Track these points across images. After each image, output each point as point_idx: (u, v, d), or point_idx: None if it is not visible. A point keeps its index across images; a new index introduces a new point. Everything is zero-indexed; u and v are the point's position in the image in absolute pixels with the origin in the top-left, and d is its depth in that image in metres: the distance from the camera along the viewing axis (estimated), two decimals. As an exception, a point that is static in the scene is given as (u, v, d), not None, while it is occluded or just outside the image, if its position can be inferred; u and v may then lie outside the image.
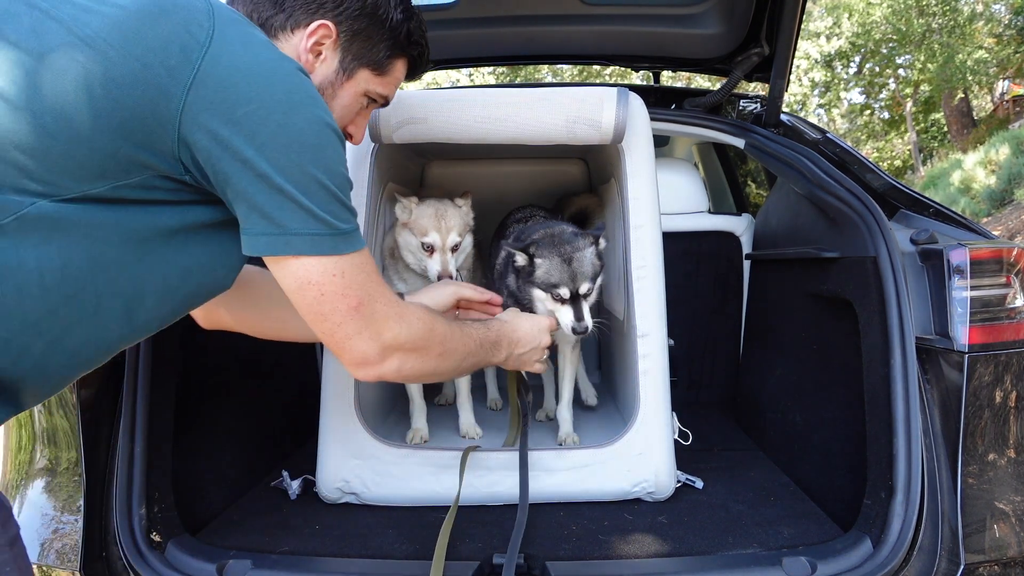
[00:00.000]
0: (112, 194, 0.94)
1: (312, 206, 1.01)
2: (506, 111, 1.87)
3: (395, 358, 1.19)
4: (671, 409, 1.96)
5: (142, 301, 1.03)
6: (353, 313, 1.10)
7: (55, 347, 0.97)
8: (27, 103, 0.88)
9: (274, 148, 0.97)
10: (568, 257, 1.88)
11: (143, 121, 0.93)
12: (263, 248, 1.02)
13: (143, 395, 1.66)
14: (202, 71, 0.94)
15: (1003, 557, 1.55)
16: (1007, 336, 1.61)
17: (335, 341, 1.13)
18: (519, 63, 3.82)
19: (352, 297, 1.09)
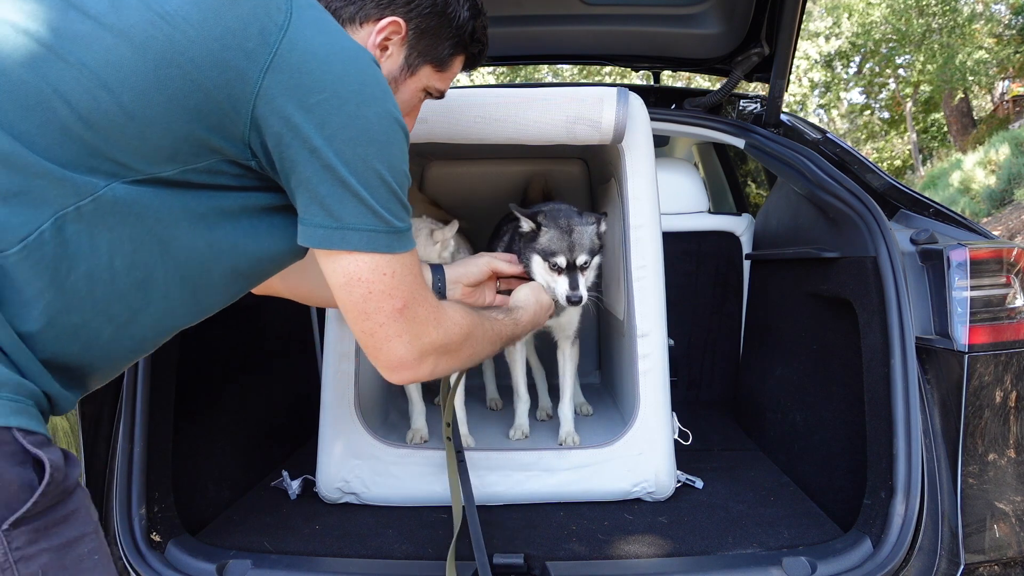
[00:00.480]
0: (179, 177, 0.93)
1: (372, 202, 0.99)
2: (506, 111, 1.87)
3: (430, 361, 1.17)
4: (671, 409, 1.96)
5: (209, 284, 1.02)
6: (397, 315, 1.08)
7: (123, 332, 0.95)
8: (105, 79, 0.86)
9: (342, 140, 0.96)
10: (569, 229, 1.92)
11: (218, 104, 0.91)
12: (318, 241, 1.00)
13: (143, 395, 1.66)
14: (279, 55, 0.92)
15: (1003, 557, 1.56)
16: (1007, 336, 1.61)
17: (374, 342, 1.10)
18: (519, 63, 3.82)
19: (398, 298, 1.07)
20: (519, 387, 2.25)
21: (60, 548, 0.78)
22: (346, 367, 1.94)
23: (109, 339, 0.94)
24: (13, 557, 0.73)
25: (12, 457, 0.76)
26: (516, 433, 2.17)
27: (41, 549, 0.76)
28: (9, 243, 0.82)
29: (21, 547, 0.74)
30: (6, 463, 0.75)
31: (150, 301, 0.96)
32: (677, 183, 2.96)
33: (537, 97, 1.88)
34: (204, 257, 0.98)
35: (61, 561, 0.78)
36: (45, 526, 0.77)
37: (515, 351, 2.27)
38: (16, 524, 0.74)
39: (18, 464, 0.76)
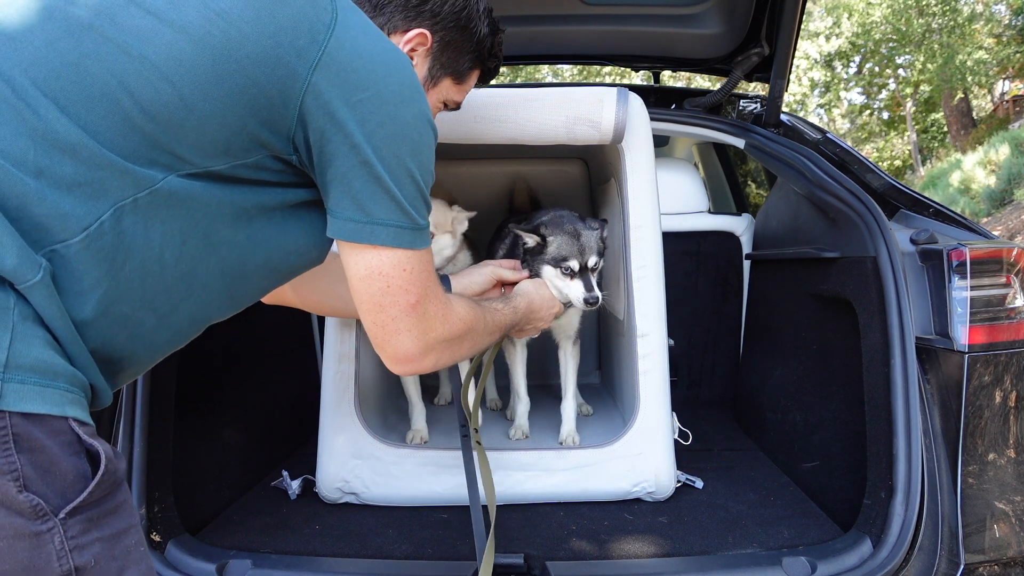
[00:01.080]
0: (229, 172, 0.95)
1: (402, 199, 1.03)
2: (506, 111, 1.87)
3: (433, 355, 1.21)
4: (671, 409, 1.96)
5: (244, 278, 1.05)
6: (410, 309, 1.12)
7: (164, 323, 0.97)
8: (167, 73, 0.88)
9: (381, 137, 0.99)
10: (576, 233, 1.94)
11: (270, 98, 0.94)
12: (348, 234, 1.03)
13: (143, 395, 1.66)
14: (327, 53, 0.95)
15: (1003, 557, 1.56)
16: (1007, 336, 1.61)
17: (384, 334, 1.14)
18: (519, 63, 3.82)
19: (413, 293, 1.11)
20: (519, 388, 2.25)
21: (111, 538, 0.80)
22: (346, 367, 1.94)
23: (151, 330, 0.96)
24: (69, 546, 0.75)
25: (68, 447, 0.77)
26: (516, 433, 2.17)
27: (94, 539, 0.77)
28: (73, 232, 0.83)
29: (76, 536, 0.75)
30: (63, 452, 0.76)
31: (191, 293, 0.98)
32: (677, 183, 2.96)
33: (537, 97, 1.89)
34: (243, 250, 1.01)
35: (112, 551, 0.79)
36: (98, 516, 0.78)
37: (515, 352, 2.27)
38: (72, 513, 0.75)
39: (73, 454, 0.77)
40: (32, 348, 0.77)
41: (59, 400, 0.77)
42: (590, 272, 1.93)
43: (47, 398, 0.76)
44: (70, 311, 0.84)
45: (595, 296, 1.90)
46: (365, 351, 2.03)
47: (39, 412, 0.75)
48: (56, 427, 0.76)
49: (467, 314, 1.29)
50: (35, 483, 0.73)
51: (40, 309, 0.80)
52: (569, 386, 2.22)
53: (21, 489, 0.72)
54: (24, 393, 0.74)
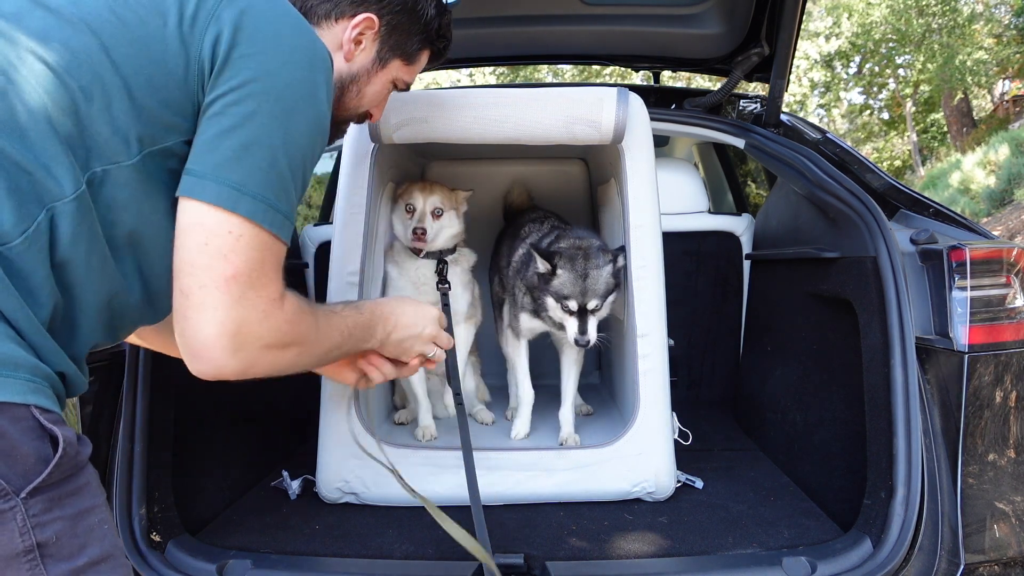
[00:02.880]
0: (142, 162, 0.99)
1: (245, 162, 1.00)
2: (506, 111, 1.87)
3: (242, 355, 1.03)
4: (671, 409, 1.96)
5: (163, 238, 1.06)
6: (222, 282, 0.97)
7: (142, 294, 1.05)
8: (67, 70, 0.92)
9: (248, 88, 1.01)
10: (584, 273, 1.96)
11: (178, 86, 0.99)
12: (185, 188, 0.99)
13: (143, 395, 1.66)
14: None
15: (1003, 557, 1.56)
16: (1007, 336, 1.61)
17: (187, 303, 0.99)
18: (519, 63, 3.82)
19: (232, 264, 0.97)
20: (523, 383, 2.25)
21: (73, 517, 0.84)
22: (346, 367, 1.94)
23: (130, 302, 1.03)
24: (31, 523, 0.79)
25: (30, 432, 0.81)
26: (519, 433, 2.17)
27: (55, 517, 0.82)
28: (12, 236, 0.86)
29: (37, 514, 0.80)
30: (24, 437, 0.80)
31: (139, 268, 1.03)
32: (677, 183, 2.96)
33: (537, 97, 1.89)
34: (164, 222, 1.03)
35: (74, 529, 0.84)
36: (59, 496, 0.82)
37: (519, 352, 2.28)
38: (33, 493, 0.79)
39: (36, 439, 0.81)
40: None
41: (20, 389, 0.81)
42: (589, 313, 1.96)
43: (8, 388, 0.80)
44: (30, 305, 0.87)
45: (586, 340, 1.95)
46: (365, 351, 2.03)
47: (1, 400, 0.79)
48: (17, 414, 0.80)
49: (291, 318, 1.09)
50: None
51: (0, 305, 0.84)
52: (568, 393, 2.22)
53: None
54: None
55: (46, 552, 0.80)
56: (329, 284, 1.98)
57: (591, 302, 1.95)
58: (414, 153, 2.58)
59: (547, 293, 2.00)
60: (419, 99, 1.88)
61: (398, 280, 2.20)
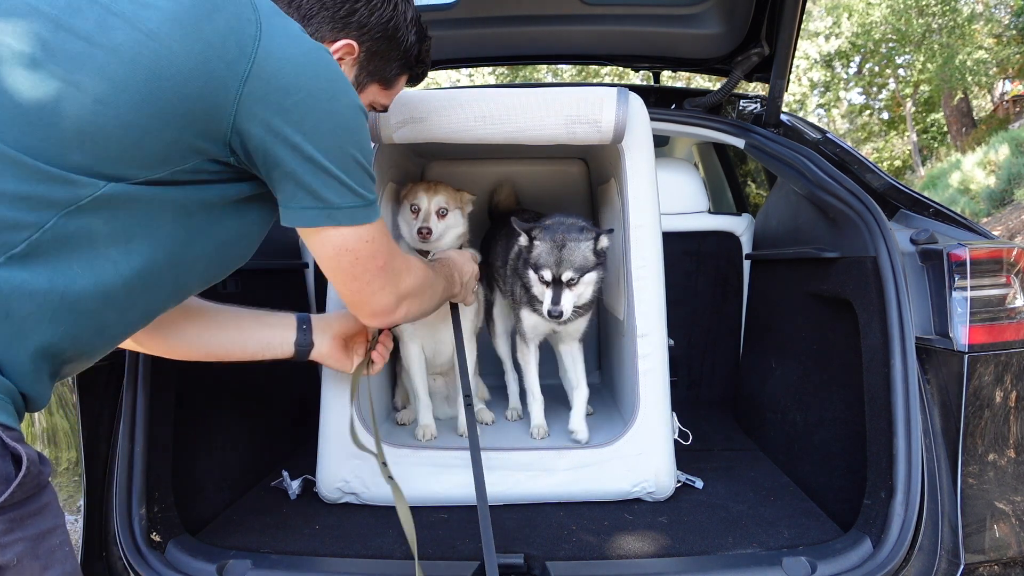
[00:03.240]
0: (169, 178, 1.00)
1: (351, 182, 1.11)
2: (506, 111, 1.87)
3: (404, 305, 1.36)
4: (671, 409, 1.96)
5: (189, 271, 1.10)
6: (380, 272, 1.25)
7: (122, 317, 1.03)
8: (104, 96, 0.92)
9: (320, 133, 1.06)
10: (561, 244, 1.96)
11: (204, 111, 0.98)
12: (308, 220, 1.11)
13: (143, 395, 1.66)
14: (256, 64, 1.00)
15: (1003, 557, 1.56)
16: (1007, 336, 1.61)
17: (361, 298, 1.28)
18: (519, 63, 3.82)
19: (380, 258, 1.23)
20: (533, 387, 2.25)
21: (34, 538, 0.82)
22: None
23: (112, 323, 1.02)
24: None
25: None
26: (539, 432, 2.16)
27: (16, 538, 0.80)
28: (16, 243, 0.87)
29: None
30: None
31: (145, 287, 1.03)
32: (677, 183, 2.96)
33: (537, 97, 1.88)
34: (185, 245, 1.06)
35: (35, 550, 0.82)
36: (21, 517, 0.80)
37: (528, 353, 2.28)
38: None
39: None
40: None
41: None
42: (564, 285, 1.95)
43: None
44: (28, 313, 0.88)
45: (558, 311, 1.93)
46: (365, 351, 2.03)
47: None
48: None
49: (421, 263, 1.47)
50: None
51: None
52: (580, 380, 2.24)
53: None
54: None
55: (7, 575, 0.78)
56: (329, 284, 1.98)
57: (566, 273, 1.94)
58: (414, 153, 2.58)
59: (527, 266, 2.02)
60: (419, 99, 1.88)
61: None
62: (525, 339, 2.27)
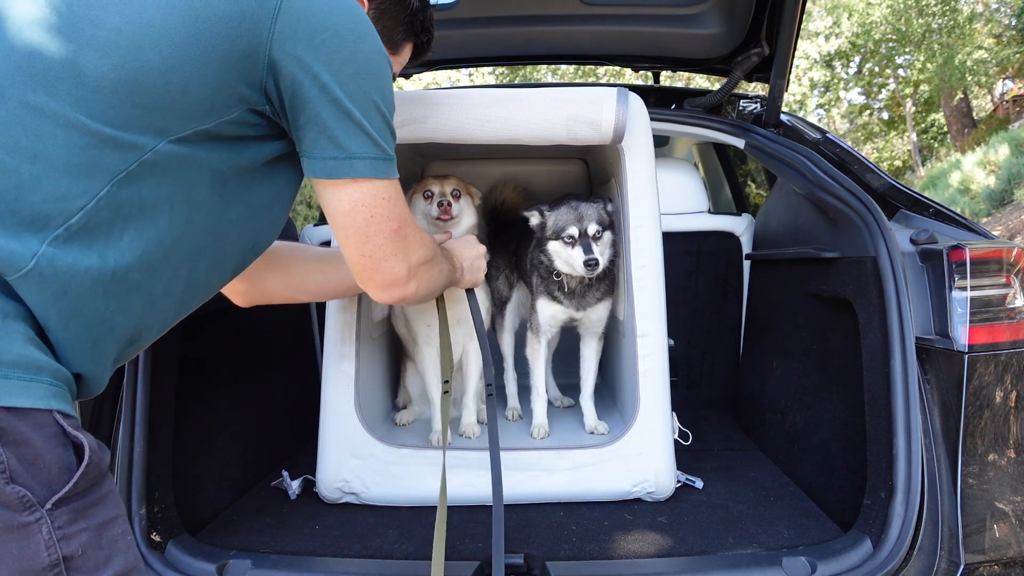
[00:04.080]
0: (215, 129, 0.98)
1: (372, 131, 1.08)
2: (506, 111, 1.87)
3: (415, 279, 1.28)
4: (671, 409, 1.96)
5: (225, 239, 1.09)
6: (393, 235, 1.18)
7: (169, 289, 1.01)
8: (144, 39, 0.90)
9: (346, 75, 1.03)
10: (576, 206, 2.06)
11: (242, 52, 0.97)
12: (328, 171, 1.08)
13: (143, 395, 1.66)
14: (286, 1, 0.99)
15: (1003, 557, 1.56)
16: (1007, 336, 1.61)
17: (372, 262, 1.20)
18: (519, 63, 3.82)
19: (395, 220, 1.17)
20: (538, 384, 2.26)
21: (97, 528, 0.81)
22: (346, 367, 1.94)
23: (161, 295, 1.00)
24: (56, 536, 0.76)
25: (53, 439, 0.78)
26: (539, 432, 2.17)
27: (80, 529, 0.79)
28: (71, 214, 0.85)
29: (63, 526, 0.77)
30: (48, 445, 0.77)
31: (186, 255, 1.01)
32: (677, 183, 2.96)
33: (537, 97, 1.88)
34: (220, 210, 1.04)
35: (98, 540, 0.81)
36: (84, 507, 0.79)
37: (540, 347, 2.29)
38: (58, 504, 0.77)
39: (58, 446, 0.78)
40: (14, 344, 0.79)
41: (43, 394, 0.79)
42: (591, 239, 2.01)
43: (31, 392, 0.77)
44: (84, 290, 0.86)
45: (594, 259, 1.98)
46: (365, 351, 2.03)
47: (23, 406, 0.76)
48: (40, 420, 0.77)
49: (432, 241, 1.40)
50: (21, 475, 0.75)
51: (29, 300, 0.81)
52: (589, 382, 2.27)
53: (8, 481, 0.74)
54: (7, 388, 0.76)
55: (72, 566, 0.77)
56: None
57: (591, 226, 2.02)
58: (414, 153, 2.58)
59: (547, 240, 2.08)
60: (418, 99, 1.88)
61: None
62: (538, 333, 2.28)
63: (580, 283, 2.16)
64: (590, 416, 2.23)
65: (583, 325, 2.28)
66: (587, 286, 2.16)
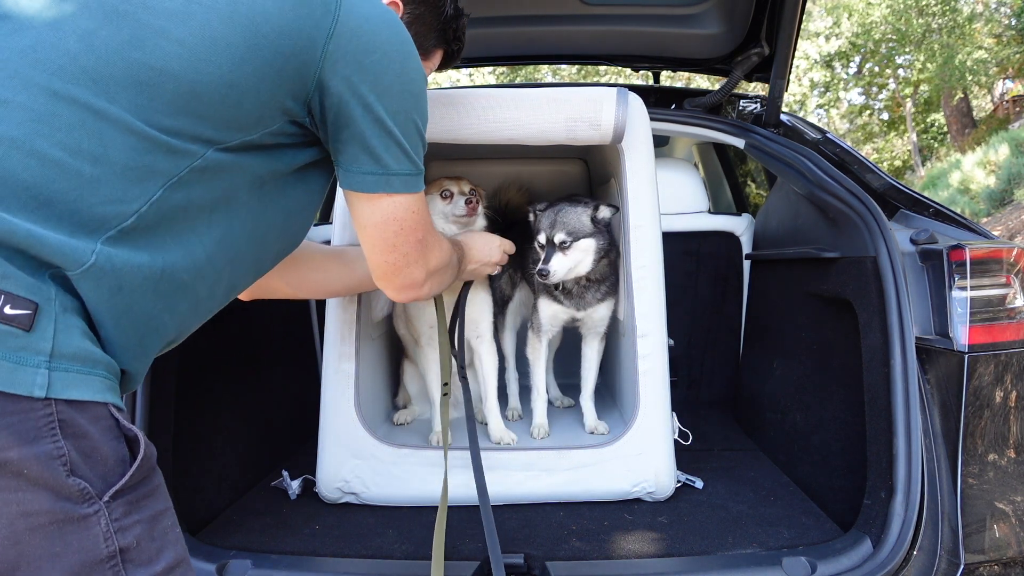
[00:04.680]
0: (259, 141, 1.00)
1: (409, 149, 1.12)
2: (506, 111, 1.87)
3: (430, 281, 1.35)
4: (671, 409, 1.96)
5: (263, 242, 1.11)
6: (418, 244, 1.24)
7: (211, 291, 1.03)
8: (206, 52, 0.92)
9: (391, 95, 1.07)
10: (557, 210, 2.07)
11: (295, 69, 0.99)
12: (368, 186, 1.12)
13: (143, 396, 1.66)
14: (340, 22, 1.01)
15: (1003, 557, 1.56)
16: (1007, 336, 1.61)
17: (394, 269, 1.26)
18: (519, 63, 3.82)
19: (420, 231, 1.23)
20: (539, 384, 2.26)
21: (150, 520, 0.83)
22: (346, 367, 1.94)
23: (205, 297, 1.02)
24: (113, 528, 0.78)
25: (109, 432, 0.80)
26: (539, 432, 2.17)
27: (135, 521, 0.80)
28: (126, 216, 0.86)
29: (119, 518, 0.78)
30: (104, 438, 0.79)
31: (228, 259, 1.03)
32: (677, 183, 2.96)
33: (537, 97, 1.88)
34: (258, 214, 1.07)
35: (151, 532, 0.82)
36: (137, 499, 0.81)
37: (540, 347, 2.29)
38: (115, 496, 0.78)
39: (114, 439, 0.80)
40: (73, 338, 0.80)
41: (99, 387, 0.80)
42: (557, 248, 2.03)
43: (89, 385, 0.79)
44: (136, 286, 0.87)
45: (546, 270, 2.01)
46: (365, 351, 2.03)
47: (82, 399, 0.78)
48: (97, 413, 0.79)
49: (447, 245, 1.46)
50: (80, 468, 0.76)
51: (86, 295, 0.83)
52: (589, 382, 2.27)
53: (69, 474, 0.75)
54: (68, 381, 0.77)
55: (127, 557, 0.79)
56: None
57: (557, 235, 2.03)
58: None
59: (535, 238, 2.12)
60: (419, 99, 1.88)
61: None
62: (539, 333, 2.28)
63: (576, 284, 2.16)
64: (590, 416, 2.23)
65: (585, 325, 2.28)
66: (584, 287, 2.16)
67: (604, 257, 2.12)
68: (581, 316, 2.22)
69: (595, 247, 2.07)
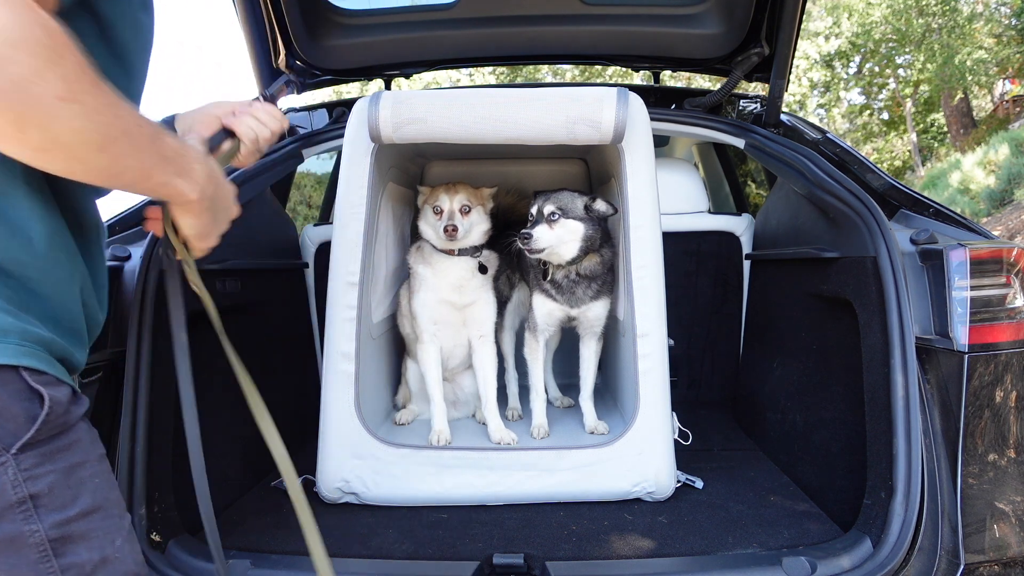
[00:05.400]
0: None
1: None
2: (506, 111, 1.87)
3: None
4: (671, 409, 1.96)
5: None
6: None
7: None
8: None
9: None
10: (555, 191, 2.12)
11: None
12: None
13: (143, 395, 1.66)
14: None
15: (1003, 557, 1.55)
16: (1007, 336, 1.61)
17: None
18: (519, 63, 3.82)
19: None
20: (537, 384, 2.26)
21: (65, 471, 0.89)
22: (346, 367, 1.94)
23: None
24: (22, 476, 0.84)
25: (18, 393, 0.85)
26: (539, 432, 2.17)
27: (48, 471, 0.87)
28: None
29: (29, 468, 0.85)
30: (12, 399, 0.85)
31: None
32: (677, 183, 2.96)
33: (537, 97, 1.88)
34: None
35: (66, 481, 0.89)
36: (50, 452, 0.87)
37: (537, 346, 2.29)
38: (23, 448, 0.84)
39: (24, 400, 0.85)
40: None
41: (10, 353, 0.85)
42: (544, 220, 2.07)
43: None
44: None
45: (528, 234, 2.04)
46: (365, 351, 2.03)
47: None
48: (6, 378, 0.84)
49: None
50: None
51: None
52: (588, 382, 2.28)
53: None
54: None
55: (39, 503, 0.85)
56: (329, 284, 1.98)
57: (547, 207, 2.08)
58: (414, 153, 2.58)
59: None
60: (419, 99, 1.88)
61: (432, 279, 2.21)
62: (535, 332, 2.28)
63: (566, 277, 2.16)
64: (590, 416, 2.23)
65: (581, 324, 2.28)
66: (574, 281, 2.17)
67: (594, 251, 2.13)
68: (576, 314, 2.22)
69: (582, 232, 2.09)
